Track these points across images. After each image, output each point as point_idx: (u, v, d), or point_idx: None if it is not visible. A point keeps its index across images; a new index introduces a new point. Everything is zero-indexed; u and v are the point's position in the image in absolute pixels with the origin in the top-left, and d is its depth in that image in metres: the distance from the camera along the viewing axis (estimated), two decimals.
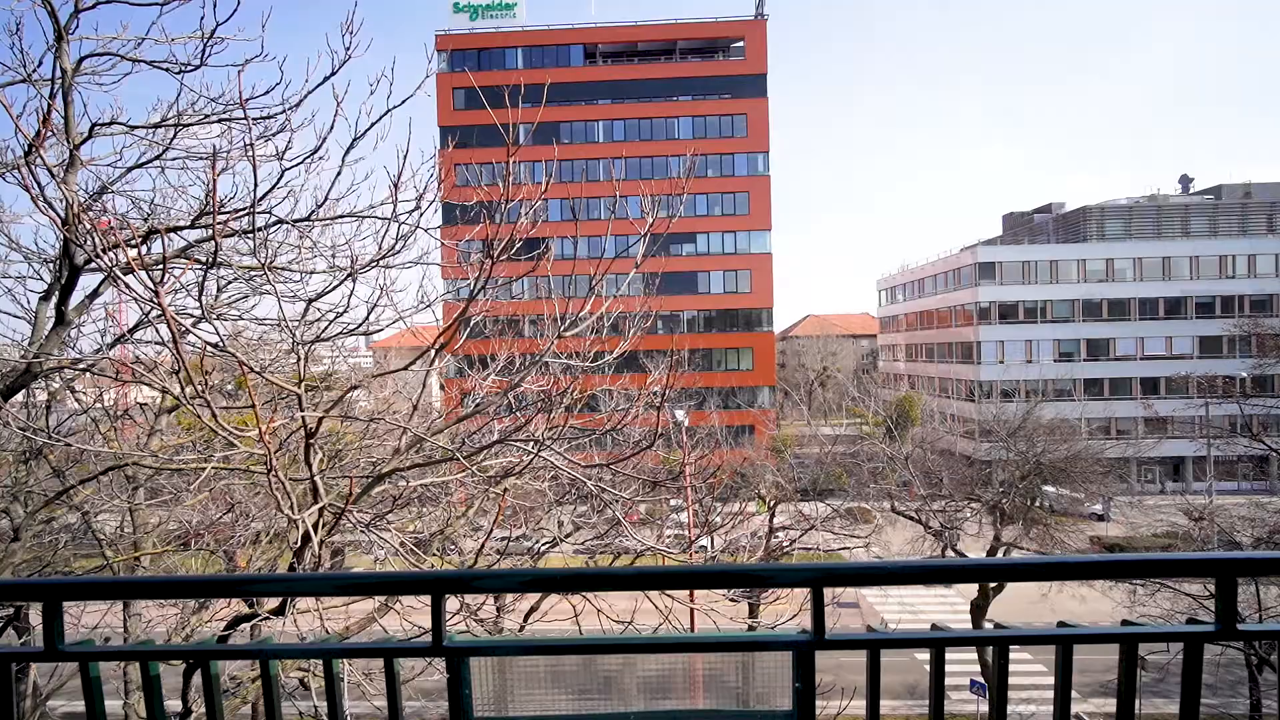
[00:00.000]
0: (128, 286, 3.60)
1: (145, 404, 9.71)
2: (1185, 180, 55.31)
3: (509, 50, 52.32)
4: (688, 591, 10.72)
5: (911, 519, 21.56)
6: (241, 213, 4.53)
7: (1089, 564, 1.46)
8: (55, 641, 1.36)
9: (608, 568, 1.40)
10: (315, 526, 3.83)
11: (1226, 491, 35.49)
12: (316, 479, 3.47)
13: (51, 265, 6.84)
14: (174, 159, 6.54)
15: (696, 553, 10.67)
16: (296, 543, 5.28)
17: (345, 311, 4.27)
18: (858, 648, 1.40)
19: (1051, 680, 1.51)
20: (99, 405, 8.71)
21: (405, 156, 4.23)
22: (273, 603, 4.34)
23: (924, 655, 1.44)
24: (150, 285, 2.79)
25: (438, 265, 7.32)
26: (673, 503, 16.34)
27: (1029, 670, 16.87)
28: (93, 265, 6.10)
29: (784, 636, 1.40)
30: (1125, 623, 1.45)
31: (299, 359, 3.52)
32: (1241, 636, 1.38)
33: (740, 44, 51.77)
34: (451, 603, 5.72)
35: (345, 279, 4.12)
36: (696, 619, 10.40)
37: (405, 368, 4.00)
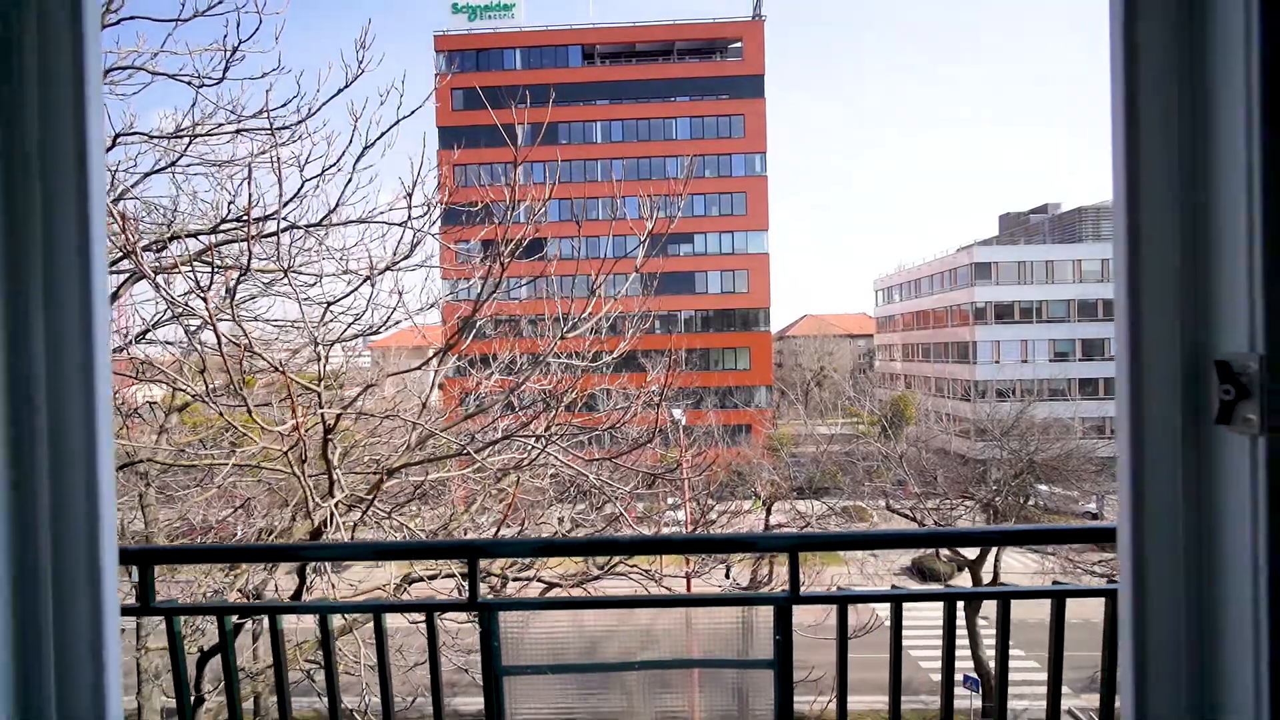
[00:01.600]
0: (158, 287, 3.84)
1: (154, 403, 9.93)
2: None
3: (507, 51, 52.50)
4: (686, 589, 10.96)
5: (906, 517, 21.84)
6: (268, 218, 4.77)
7: (1025, 532, 1.72)
8: (149, 599, 1.61)
9: (608, 535, 1.66)
10: (330, 516, 4.07)
11: None
12: (336, 472, 3.72)
13: None
14: (188, 165, 6.79)
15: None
16: (305, 537, 5.52)
17: (364, 314, 4.52)
18: (828, 603, 1.66)
19: (1044, 676, 1.77)
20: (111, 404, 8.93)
21: (420, 169, 4.48)
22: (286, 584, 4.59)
23: (918, 652, 1.73)
24: (194, 286, 3.03)
25: (445, 266, 7.55)
26: (669, 501, 16.59)
27: (1023, 666, 17.12)
28: (113, 269, 6.35)
29: (766, 595, 1.66)
30: (1056, 583, 1.72)
31: (319, 359, 3.76)
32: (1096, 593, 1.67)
33: (738, 45, 52.03)
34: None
35: (363, 282, 4.36)
36: (698, 637, 10.61)
37: (418, 368, 4.25)
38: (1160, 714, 0.88)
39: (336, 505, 4.45)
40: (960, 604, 1.85)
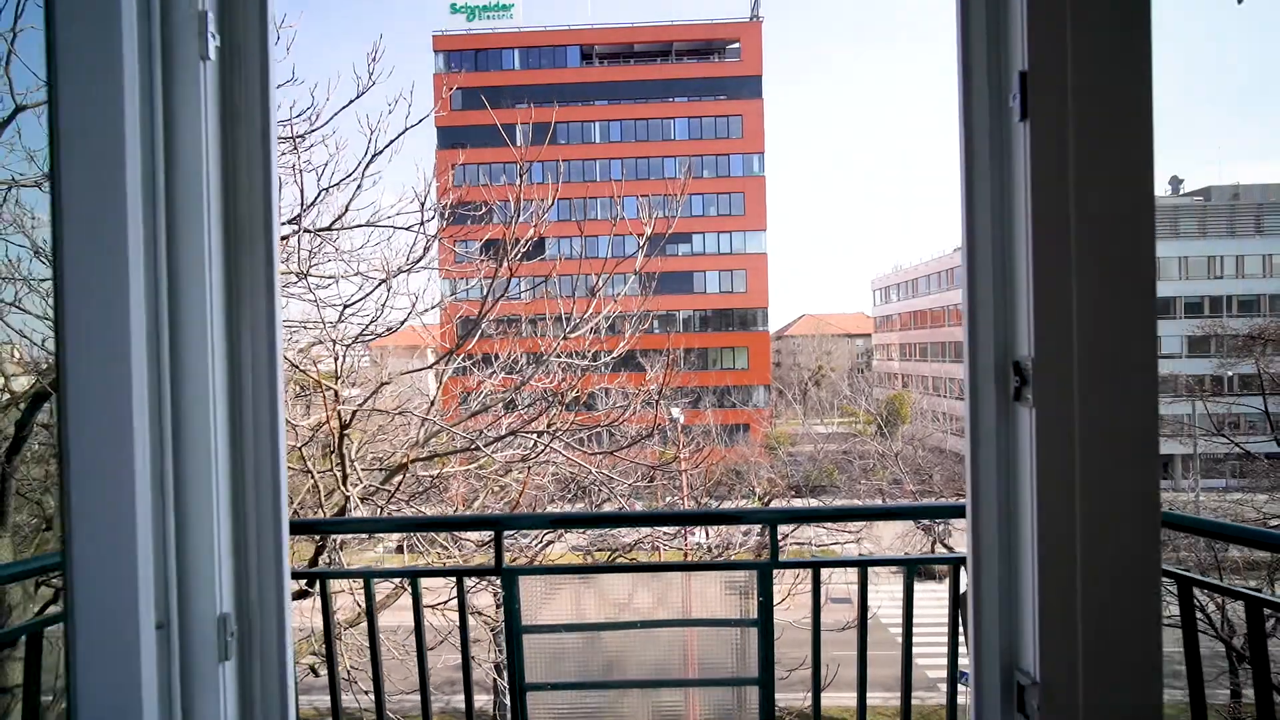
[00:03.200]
0: None
1: None
2: (1175, 182, 55.89)
3: (506, 51, 52.62)
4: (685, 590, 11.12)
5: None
6: (288, 222, 4.95)
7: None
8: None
9: (613, 511, 1.86)
10: (345, 503, 4.25)
11: (1215, 489, 35.97)
12: (354, 465, 3.89)
13: None
14: None
15: (694, 549, 11.10)
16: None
17: (380, 315, 4.71)
18: (803, 568, 1.88)
19: None
20: None
21: (427, 176, 4.66)
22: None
23: (916, 650, 1.98)
24: None
25: (446, 268, 7.70)
26: (667, 500, 16.77)
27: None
28: None
29: (750, 562, 1.86)
30: (907, 554, 1.98)
31: (336, 358, 3.94)
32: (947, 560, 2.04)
33: (736, 45, 52.21)
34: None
35: (379, 285, 4.54)
36: (693, 607, 10.83)
37: (430, 367, 4.43)
38: (990, 655, 1.22)
39: (349, 500, 4.63)
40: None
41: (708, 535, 14.66)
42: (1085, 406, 1.08)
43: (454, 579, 2.02)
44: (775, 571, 2.00)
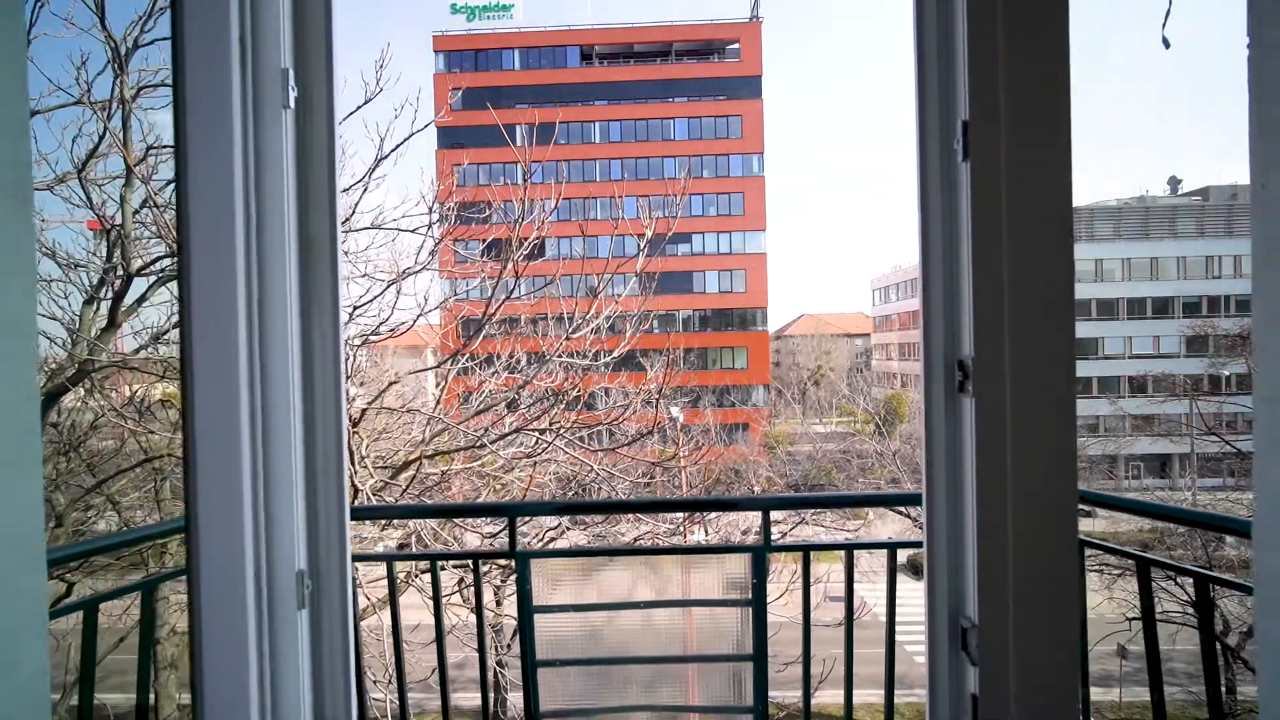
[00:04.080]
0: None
1: (168, 401, 10.28)
2: (1174, 182, 56.07)
3: (506, 51, 52.74)
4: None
5: (899, 513, 22.27)
6: None
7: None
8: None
9: (618, 499, 2.08)
10: (354, 493, 4.45)
11: (1213, 488, 36.17)
12: (364, 462, 4.10)
13: (104, 272, 7.45)
14: None
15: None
16: None
17: (389, 315, 4.91)
18: (794, 550, 2.08)
19: None
20: (131, 402, 9.30)
21: (434, 181, 4.86)
22: None
23: (912, 647, 2.18)
24: None
25: (448, 269, 7.89)
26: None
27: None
28: (147, 271, 6.76)
29: (745, 545, 2.07)
30: (890, 539, 2.25)
31: (346, 359, 4.13)
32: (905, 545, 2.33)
33: (735, 46, 52.37)
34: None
35: (388, 287, 4.74)
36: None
37: (436, 367, 4.63)
38: (940, 605, 1.50)
39: (357, 493, 4.83)
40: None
41: (706, 534, 14.87)
42: (1015, 396, 1.31)
43: (466, 566, 2.20)
44: (774, 571, 2.22)
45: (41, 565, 0.76)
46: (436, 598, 2.24)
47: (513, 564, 2.23)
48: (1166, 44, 1.58)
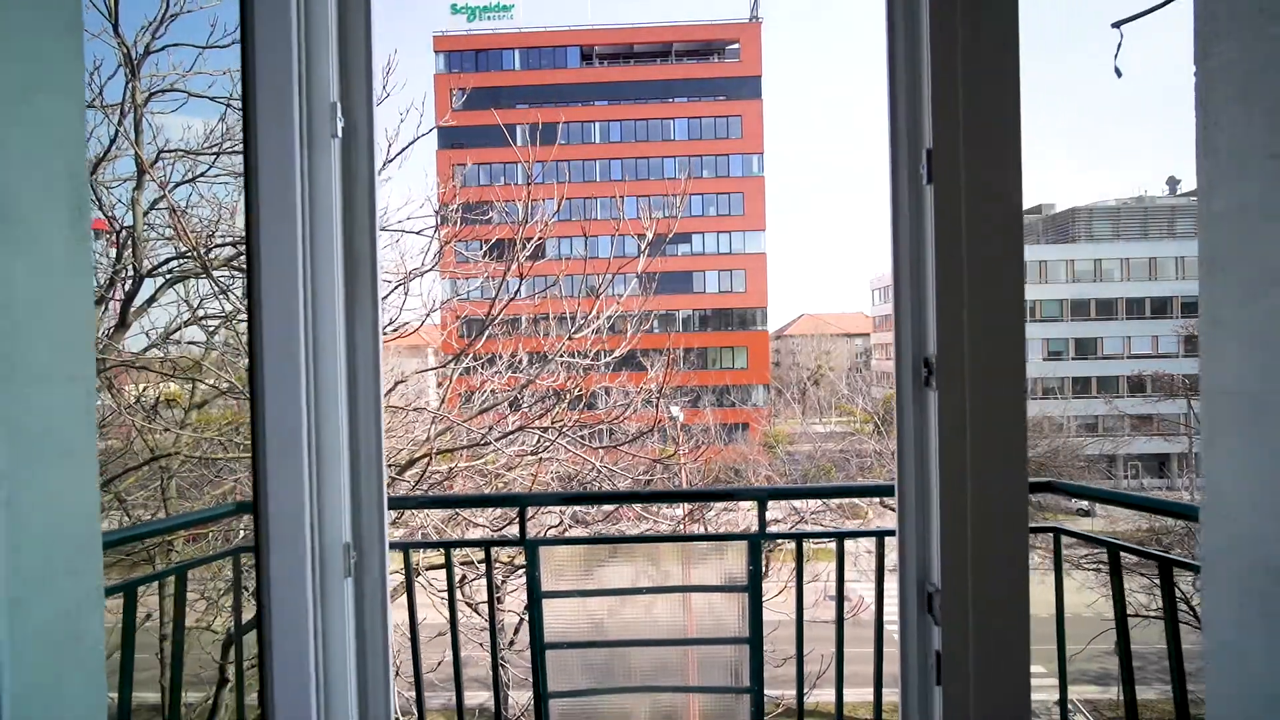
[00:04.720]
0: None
1: (173, 400, 10.46)
2: (1173, 182, 56.18)
3: (506, 51, 52.88)
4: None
5: (892, 510, 22.45)
6: None
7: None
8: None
9: (623, 490, 2.25)
10: None
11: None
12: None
13: (113, 272, 7.63)
14: (215, 176, 7.36)
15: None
16: None
17: (398, 316, 5.07)
18: (788, 538, 2.25)
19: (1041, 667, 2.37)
20: (139, 401, 9.47)
21: (435, 182, 5.03)
22: None
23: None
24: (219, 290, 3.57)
25: (450, 269, 8.06)
26: None
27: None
28: (156, 271, 6.94)
29: (741, 534, 2.24)
30: (880, 528, 2.42)
31: None
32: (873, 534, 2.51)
33: (735, 46, 52.53)
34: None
35: (395, 288, 4.91)
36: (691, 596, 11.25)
37: (441, 366, 4.79)
38: (910, 573, 1.70)
39: None
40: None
41: (705, 530, 15.03)
42: (973, 390, 1.50)
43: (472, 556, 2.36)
44: (774, 571, 2.39)
45: (98, 546, 0.86)
46: (450, 587, 2.40)
47: (521, 560, 2.40)
48: (1119, 73, 1.74)
